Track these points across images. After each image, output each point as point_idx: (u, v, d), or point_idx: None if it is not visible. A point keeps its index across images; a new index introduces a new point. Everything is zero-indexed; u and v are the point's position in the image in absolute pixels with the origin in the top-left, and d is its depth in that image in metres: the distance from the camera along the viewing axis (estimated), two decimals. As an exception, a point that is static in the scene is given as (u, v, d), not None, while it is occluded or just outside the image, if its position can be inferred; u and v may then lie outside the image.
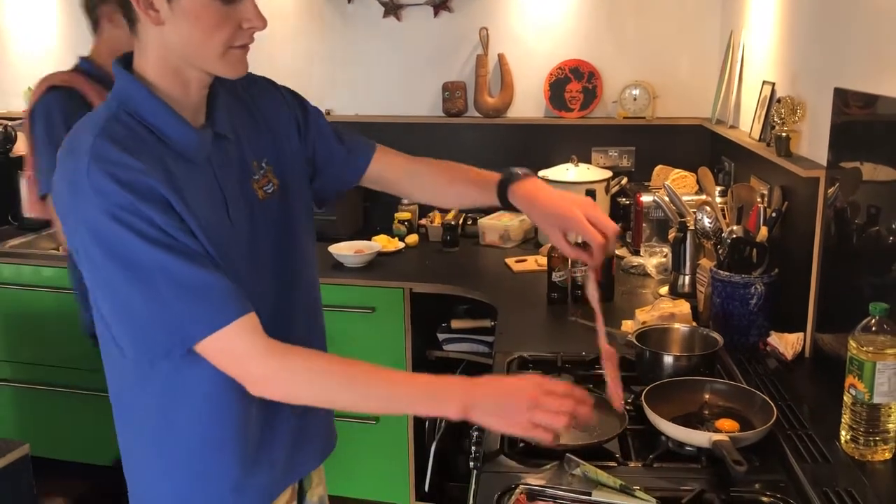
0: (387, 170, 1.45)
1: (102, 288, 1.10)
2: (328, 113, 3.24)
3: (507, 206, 1.39)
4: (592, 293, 1.37)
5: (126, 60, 1.17)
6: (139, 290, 1.07)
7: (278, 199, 1.29)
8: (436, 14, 3.12)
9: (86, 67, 2.35)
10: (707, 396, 1.55)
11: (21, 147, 3.49)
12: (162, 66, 1.13)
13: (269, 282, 1.27)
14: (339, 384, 1.13)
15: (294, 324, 1.31)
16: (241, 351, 1.10)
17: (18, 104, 3.65)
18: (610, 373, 1.37)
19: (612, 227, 1.28)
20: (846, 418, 1.38)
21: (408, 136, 3.17)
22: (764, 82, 2.26)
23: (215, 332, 1.07)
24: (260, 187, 1.25)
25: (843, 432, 1.39)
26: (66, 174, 1.08)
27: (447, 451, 2.85)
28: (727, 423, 1.44)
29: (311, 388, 1.14)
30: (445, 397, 1.12)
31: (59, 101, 2.22)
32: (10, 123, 3.44)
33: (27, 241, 3.18)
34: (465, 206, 1.48)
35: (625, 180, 2.94)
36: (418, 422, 2.77)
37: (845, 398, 1.37)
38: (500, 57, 3.10)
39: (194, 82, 1.15)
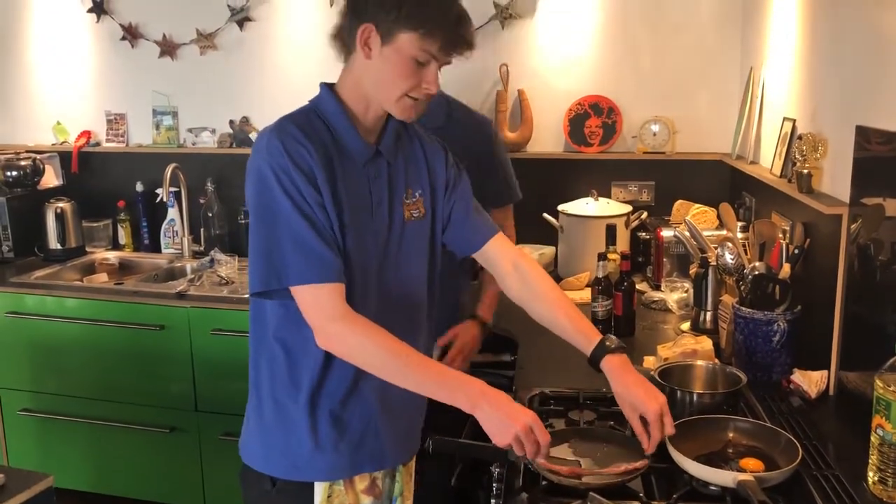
0: (499, 255, 1.63)
1: (254, 218, 1.40)
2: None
3: (594, 365, 1.53)
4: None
5: (328, 84, 1.50)
6: (266, 228, 1.37)
7: (422, 226, 1.55)
8: (457, 50, 3.15)
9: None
10: (731, 435, 1.54)
11: (49, 180, 3.56)
12: (355, 89, 1.45)
13: (393, 284, 1.51)
14: (386, 358, 1.38)
15: (408, 319, 1.55)
16: (325, 306, 1.37)
17: (46, 138, 3.73)
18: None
19: (671, 429, 1.45)
20: (874, 459, 1.36)
21: (428, 171, 3.20)
22: (785, 118, 2.27)
23: (306, 285, 1.35)
24: (408, 209, 1.52)
25: (870, 473, 1.37)
26: (256, 142, 1.42)
27: (466, 488, 2.82)
28: (752, 463, 1.43)
29: (364, 355, 1.39)
30: (464, 393, 1.36)
31: None
32: (38, 157, 3.50)
33: (52, 272, 3.22)
34: (550, 329, 1.62)
35: (644, 215, 2.94)
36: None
37: (872, 438, 1.36)
38: (520, 92, 3.13)
39: (373, 108, 1.46)
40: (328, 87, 1.49)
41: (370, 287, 1.47)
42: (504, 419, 1.33)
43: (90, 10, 3.52)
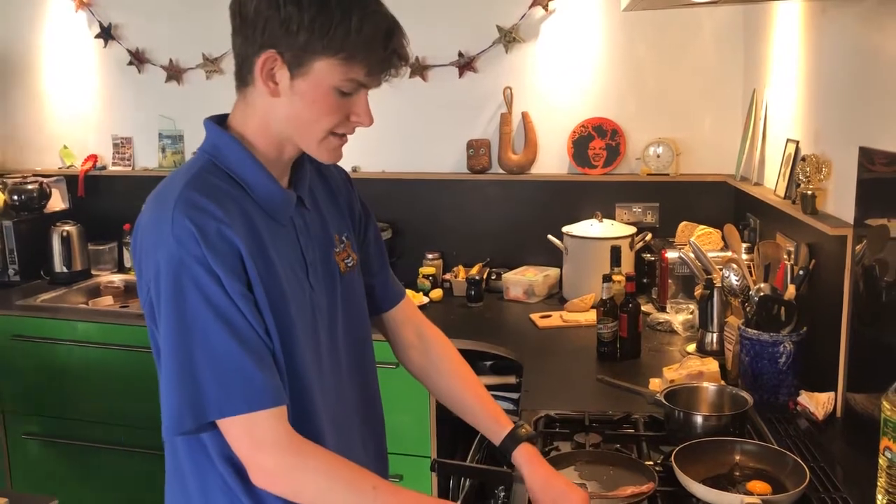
0: (404, 325, 1.45)
1: (162, 335, 1.10)
2: (354, 170, 3.29)
3: (504, 456, 1.38)
4: None
5: (218, 119, 1.22)
6: (177, 346, 1.07)
7: (357, 277, 1.32)
8: (461, 74, 3.18)
9: None
10: (738, 457, 1.53)
11: (55, 203, 3.58)
12: (263, 131, 1.17)
13: (343, 352, 1.29)
14: (347, 493, 1.12)
15: (361, 393, 1.36)
16: (260, 439, 1.09)
17: (53, 161, 3.75)
18: None
19: None
20: (882, 482, 1.35)
21: (433, 193, 3.22)
22: (788, 140, 2.27)
23: (233, 417, 1.07)
24: (342, 260, 1.29)
25: (879, 496, 1.36)
26: (151, 218, 1.11)
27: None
28: (759, 486, 1.42)
29: (317, 492, 1.12)
30: None
31: None
32: (45, 180, 3.52)
33: (58, 295, 3.22)
34: (455, 410, 1.47)
35: (649, 236, 2.94)
36: (442, 481, 2.74)
37: (880, 461, 1.34)
38: (524, 115, 3.15)
39: (288, 150, 1.19)
40: (220, 128, 1.19)
41: (324, 366, 1.23)
42: None
43: (98, 36, 3.56)
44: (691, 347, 2.29)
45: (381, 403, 1.45)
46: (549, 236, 2.99)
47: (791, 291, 1.92)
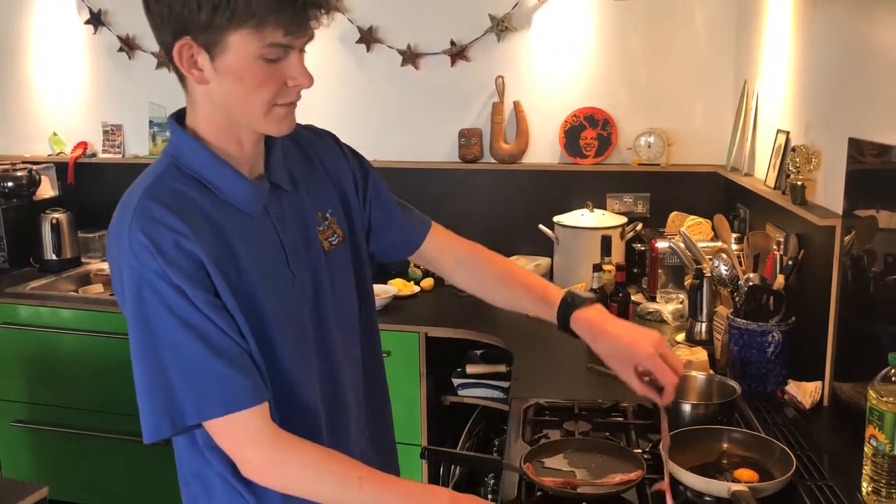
0: (439, 251, 1.45)
1: (131, 346, 1.10)
2: (346, 158, 3.28)
3: (565, 329, 1.35)
4: (665, 439, 1.36)
5: (178, 115, 1.18)
6: (146, 357, 1.07)
7: (345, 251, 1.29)
8: (453, 63, 3.17)
9: None
10: (725, 446, 1.54)
11: (45, 190, 3.56)
12: (212, 122, 1.13)
13: (336, 333, 1.27)
14: (335, 485, 1.12)
15: (359, 374, 1.33)
16: (242, 436, 1.10)
17: (43, 149, 3.73)
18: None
19: (681, 366, 1.27)
20: (867, 470, 1.36)
21: (425, 182, 3.21)
22: (778, 131, 2.28)
23: (214, 420, 1.07)
24: (325, 238, 1.25)
25: (864, 484, 1.38)
26: (113, 228, 1.10)
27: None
28: (746, 473, 1.43)
29: (304, 484, 1.12)
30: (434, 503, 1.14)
31: None
32: (34, 167, 3.50)
33: (48, 282, 3.21)
34: (514, 310, 1.46)
35: (640, 226, 2.95)
36: (433, 470, 2.75)
37: (866, 449, 1.36)
38: (516, 104, 3.15)
39: (245, 137, 1.15)
40: (180, 127, 1.15)
41: (309, 354, 1.21)
42: None
43: (87, 22, 3.54)
44: (680, 337, 2.30)
45: (385, 382, 1.45)
46: (541, 226, 2.99)
47: (780, 281, 1.93)
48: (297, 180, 1.24)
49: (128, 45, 3.51)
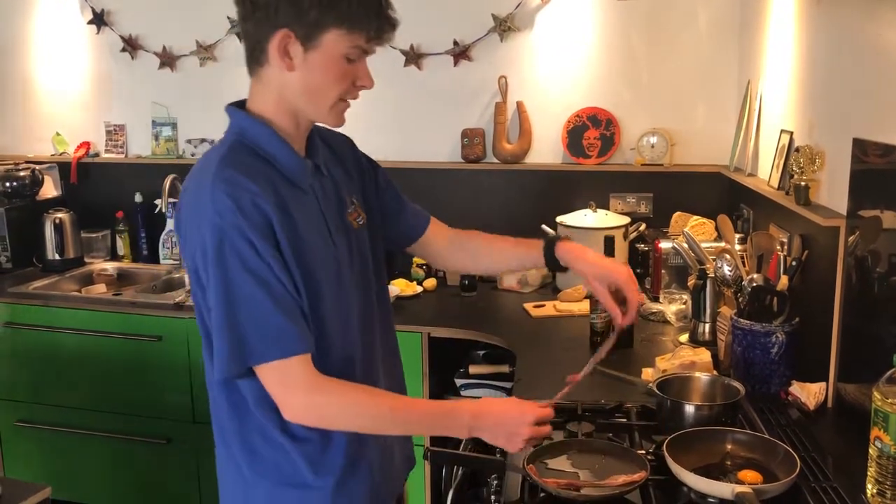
0: (435, 239, 1.63)
1: (211, 295, 1.24)
2: (349, 158, 3.28)
3: (552, 263, 1.55)
4: (601, 354, 1.57)
5: (235, 105, 1.34)
6: (222, 302, 1.22)
7: (364, 234, 1.46)
8: (455, 63, 3.17)
9: None
10: (729, 447, 1.53)
11: (48, 190, 3.57)
12: (280, 105, 1.30)
13: (373, 297, 1.46)
14: (369, 417, 1.31)
15: (375, 331, 1.48)
16: (292, 382, 1.25)
17: (46, 148, 3.73)
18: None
19: (639, 294, 1.51)
20: (872, 471, 1.36)
21: (428, 182, 3.21)
22: (782, 131, 2.28)
23: (270, 363, 1.23)
24: (353, 219, 1.42)
25: (869, 486, 1.37)
26: (193, 195, 1.25)
27: (465, 499, 2.82)
28: (750, 475, 1.43)
29: (343, 420, 1.31)
30: (456, 423, 1.34)
31: None
32: (37, 167, 3.51)
33: (50, 282, 3.21)
34: (505, 268, 1.68)
35: (643, 226, 2.95)
36: (436, 470, 2.75)
37: (871, 451, 1.35)
38: (519, 104, 3.14)
39: (303, 122, 1.33)
40: (242, 111, 1.32)
41: (349, 313, 1.39)
42: (507, 431, 1.35)
43: (90, 22, 3.54)
44: (684, 337, 2.30)
45: (395, 337, 1.62)
46: (544, 226, 2.99)
47: (784, 282, 1.92)
48: (329, 167, 1.41)
49: (131, 45, 3.51)
